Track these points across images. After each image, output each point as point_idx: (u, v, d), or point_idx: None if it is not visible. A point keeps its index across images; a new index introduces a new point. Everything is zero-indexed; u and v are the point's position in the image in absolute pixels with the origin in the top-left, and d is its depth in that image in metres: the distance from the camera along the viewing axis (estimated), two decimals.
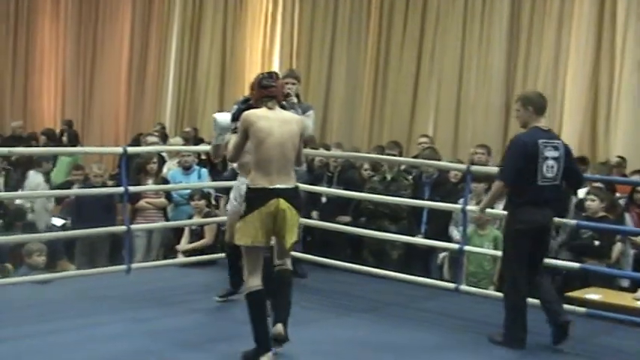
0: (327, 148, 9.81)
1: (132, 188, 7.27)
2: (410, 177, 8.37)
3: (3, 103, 18.29)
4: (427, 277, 7.22)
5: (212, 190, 8.94)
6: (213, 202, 8.91)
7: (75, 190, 8.78)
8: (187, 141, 11.67)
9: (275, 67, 13.31)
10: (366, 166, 8.84)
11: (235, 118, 5.54)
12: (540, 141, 5.45)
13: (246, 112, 5.01)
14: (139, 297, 6.41)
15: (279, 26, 13.46)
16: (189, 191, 8.59)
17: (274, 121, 4.93)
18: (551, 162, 5.47)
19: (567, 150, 5.64)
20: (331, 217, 8.33)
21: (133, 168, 8.63)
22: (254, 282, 4.84)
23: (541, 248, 5.67)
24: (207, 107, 14.30)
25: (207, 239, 8.16)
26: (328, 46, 12.77)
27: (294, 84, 7.56)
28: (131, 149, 7.81)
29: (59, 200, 9.70)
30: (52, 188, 9.99)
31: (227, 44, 14.19)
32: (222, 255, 7.80)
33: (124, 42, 16.14)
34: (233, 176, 8.43)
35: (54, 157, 11.58)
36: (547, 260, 5.95)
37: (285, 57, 13.22)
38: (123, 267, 6.95)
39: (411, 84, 11.74)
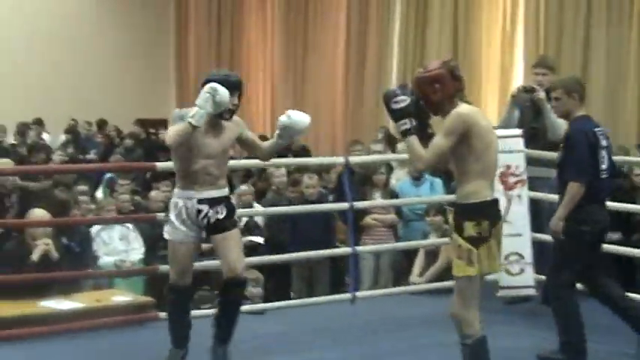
0: None
1: (357, 204, 7.34)
2: None
3: None
4: None
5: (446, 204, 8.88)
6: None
7: (292, 207, 8.93)
8: None
9: (518, 56, 13.13)
10: (637, 170, 8.46)
11: None
12: (596, 130, 5.62)
13: (461, 109, 4.65)
14: (365, 330, 6.46)
15: (521, 7, 13.22)
16: (422, 205, 8.57)
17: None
18: (604, 152, 5.67)
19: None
20: None
21: (357, 180, 8.72)
22: (478, 325, 4.66)
23: (600, 248, 5.95)
24: None
25: (441, 262, 8.12)
26: (582, 29, 12.39)
27: (544, 75, 7.38)
28: (354, 159, 7.91)
29: None
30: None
31: (459, 31, 14.07)
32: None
33: (339, 36, 16.44)
34: None
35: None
36: None
37: (530, 43, 12.94)
38: (347, 295, 7.03)
39: None
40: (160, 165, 7.11)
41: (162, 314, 6.60)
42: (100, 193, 10.93)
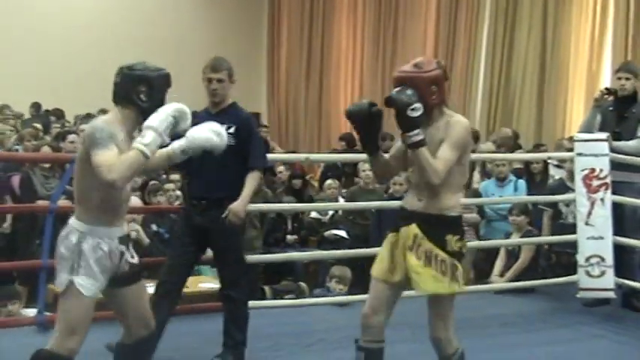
0: None
1: None
2: None
3: (297, 103, 19.30)
4: None
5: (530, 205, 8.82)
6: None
7: (374, 203, 8.98)
8: (500, 147, 11.49)
9: (607, 60, 12.86)
10: None
11: None
12: None
13: (463, 120, 4.24)
14: None
15: (611, 12, 12.98)
16: (503, 206, 8.54)
17: None
18: None
19: None
20: None
21: None
22: (456, 340, 4.44)
23: None
24: (522, 107, 14.07)
25: (522, 260, 8.08)
26: None
27: (627, 79, 7.35)
28: None
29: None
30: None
31: (547, 33, 13.82)
32: (542, 282, 7.71)
33: (428, 36, 16.35)
34: (559, 187, 8.24)
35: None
36: None
37: (619, 48, 12.68)
38: None
39: None
40: None
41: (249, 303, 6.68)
42: None
